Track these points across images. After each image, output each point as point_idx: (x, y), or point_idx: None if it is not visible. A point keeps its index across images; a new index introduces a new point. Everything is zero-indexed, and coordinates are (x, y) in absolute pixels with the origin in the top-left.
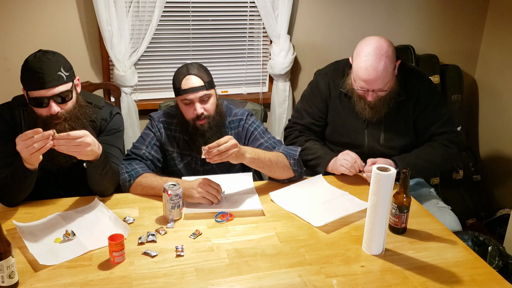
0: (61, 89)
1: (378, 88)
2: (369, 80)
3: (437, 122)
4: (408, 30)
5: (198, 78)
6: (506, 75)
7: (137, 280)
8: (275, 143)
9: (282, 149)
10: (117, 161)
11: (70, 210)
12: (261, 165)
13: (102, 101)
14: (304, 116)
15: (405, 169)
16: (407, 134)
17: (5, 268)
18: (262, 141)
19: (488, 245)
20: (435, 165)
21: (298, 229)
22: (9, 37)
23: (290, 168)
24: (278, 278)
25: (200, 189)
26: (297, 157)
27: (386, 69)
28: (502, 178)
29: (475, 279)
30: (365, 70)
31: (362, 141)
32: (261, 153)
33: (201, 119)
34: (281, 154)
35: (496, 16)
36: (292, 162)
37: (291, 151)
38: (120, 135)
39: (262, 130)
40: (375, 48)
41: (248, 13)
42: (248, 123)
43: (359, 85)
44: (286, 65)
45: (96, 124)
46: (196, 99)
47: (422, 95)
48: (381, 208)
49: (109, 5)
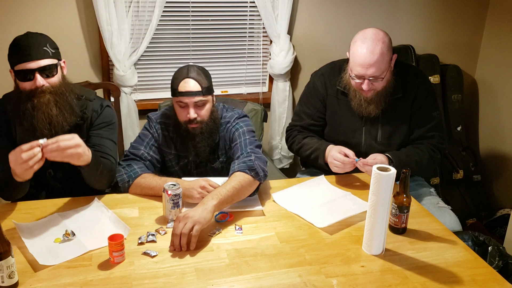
0: (46, 62)
1: (374, 75)
2: (365, 64)
3: (428, 125)
4: (408, 30)
5: (196, 82)
6: (506, 75)
7: (137, 280)
8: (246, 144)
9: (237, 166)
10: (110, 152)
11: (70, 210)
12: (233, 201)
13: (93, 94)
14: (303, 118)
15: (405, 169)
16: (404, 132)
17: (5, 268)
18: (237, 142)
19: (488, 245)
20: (421, 168)
21: (298, 229)
22: (9, 37)
23: (254, 180)
24: (278, 278)
25: (200, 190)
26: (254, 166)
27: (383, 54)
28: (502, 178)
29: (475, 279)
30: (361, 54)
31: (359, 139)
32: (224, 195)
33: (193, 123)
34: (239, 173)
35: (496, 16)
36: (253, 174)
37: (247, 162)
38: (113, 128)
39: (244, 131)
40: (372, 34)
41: (248, 13)
42: (233, 125)
43: (356, 72)
44: (286, 65)
45: (87, 116)
46: (191, 104)
47: (420, 95)
48: (381, 208)
49: (109, 5)
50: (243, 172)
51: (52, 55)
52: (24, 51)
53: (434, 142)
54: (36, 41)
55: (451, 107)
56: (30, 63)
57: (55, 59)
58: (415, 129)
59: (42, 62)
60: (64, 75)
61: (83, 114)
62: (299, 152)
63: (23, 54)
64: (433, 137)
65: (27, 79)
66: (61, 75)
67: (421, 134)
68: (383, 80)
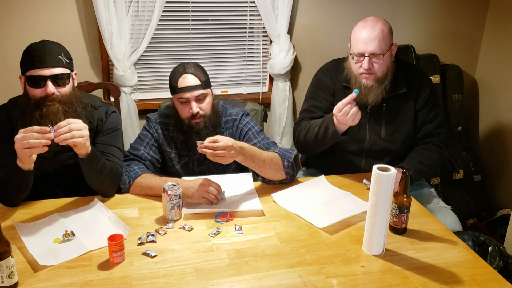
0: (59, 70)
1: (374, 51)
2: (366, 38)
3: (435, 121)
4: (408, 30)
5: (194, 77)
6: (506, 75)
7: (137, 281)
8: (269, 144)
9: (277, 150)
10: (117, 160)
11: (69, 210)
12: (253, 165)
13: (98, 101)
14: (315, 111)
15: (405, 169)
16: (407, 129)
17: (5, 268)
18: (255, 141)
19: (489, 245)
20: (433, 170)
21: (298, 229)
22: (9, 37)
23: (282, 170)
24: (278, 278)
25: (200, 189)
26: (291, 159)
27: (383, 32)
28: (503, 178)
29: (476, 279)
30: (362, 31)
31: (364, 135)
32: (256, 153)
33: (197, 118)
34: (276, 154)
35: (497, 16)
36: (286, 164)
37: (287, 152)
38: (118, 134)
39: (257, 130)
40: (372, 18)
41: (248, 13)
42: (242, 123)
43: (357, 50)
44: (286, 65)
45: (93, 125)
46: (192, 98)
47: (423, 91)
48: (381, 208)
49: (109, 5)
50: (279, 156)
51: (66, 64)
52: (38, 57)
53: (442, 139)
54: (51, 49)
55: (451, 107)
56: (43, 70)
57: (68, 69)
58: (422, 126)
59: (55, 70)
60: (74, 86)
61: (89, 123)
62: (306, 136)
63: (37, 60)
64: (440, 134)
65: (38, 85)
66: (71, 86)
67: (430, 130)
68: (383, 63)
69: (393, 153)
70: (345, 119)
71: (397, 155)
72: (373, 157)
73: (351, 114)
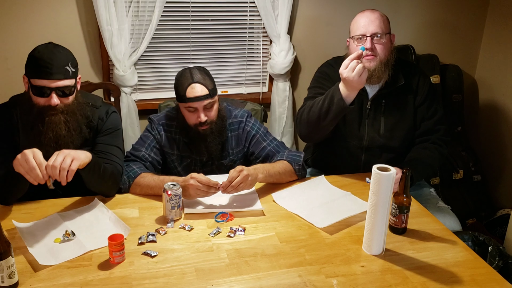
0: (65, 83)
1: (375, 31)
2: (367, 21)
3: (434, 117)
4: (408, 30)
5: (203, 86)
6: (506, 75)
7: (137, 280)
8: (278, 146)
9: (286, 156)
10: (117, 160)
11: (70, 210)
12: (272, 180)
13: (100, 101)
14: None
15: (405, 169)
16: (406, 125)
17: (5, 268)
18: (265, 145)
19: (488, 245)
20: (433, 169)
21: (298, 229)
22: (9, 37)
23: (294, 174)
24: (278, 278)
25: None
26: (301, 162)
27: (382, 16)
28: (502, 178)
29: (475, 279)
30: (361, 17)
31: (363, 131)
32: (270, 170)
33: (204, 125)
34: (286, 162)
35: (496, 16)
36: (297, 168)
37: (295, 157)
38: (118, 134)
39: (263, 132)
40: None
41: (248, 13)
42: (248, 126)
43: (358, 32)
44: (286, 65)
45: (93, 124)
46: (201, 108)
47: (422, 88)
48: (381, 208)
49: (109, 5)
50: (289, 163)
51: (72, 74)
52: (46, 68)
53: (441, 136)
54: (59, 58)
55: (451, 107)
56: (49, 82)
57: (73, 79)
58: (422, 122)
59: (61, 82)
60: (77, 93)
61: (90, 123)
62: (310, 112)
63: (44, 71)
64: (439, 131)
65: (43, 95)
66: (75, 93)
67: (429, 127)
68: (385, 46)
69: (392, 150)
70: (352, 75)
71: (396, 152)
72: (372, 154)
73: (357, 69)
